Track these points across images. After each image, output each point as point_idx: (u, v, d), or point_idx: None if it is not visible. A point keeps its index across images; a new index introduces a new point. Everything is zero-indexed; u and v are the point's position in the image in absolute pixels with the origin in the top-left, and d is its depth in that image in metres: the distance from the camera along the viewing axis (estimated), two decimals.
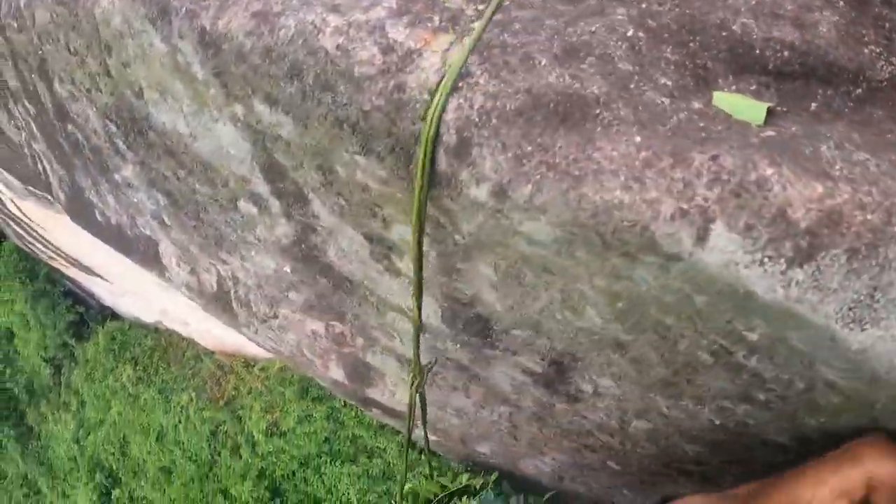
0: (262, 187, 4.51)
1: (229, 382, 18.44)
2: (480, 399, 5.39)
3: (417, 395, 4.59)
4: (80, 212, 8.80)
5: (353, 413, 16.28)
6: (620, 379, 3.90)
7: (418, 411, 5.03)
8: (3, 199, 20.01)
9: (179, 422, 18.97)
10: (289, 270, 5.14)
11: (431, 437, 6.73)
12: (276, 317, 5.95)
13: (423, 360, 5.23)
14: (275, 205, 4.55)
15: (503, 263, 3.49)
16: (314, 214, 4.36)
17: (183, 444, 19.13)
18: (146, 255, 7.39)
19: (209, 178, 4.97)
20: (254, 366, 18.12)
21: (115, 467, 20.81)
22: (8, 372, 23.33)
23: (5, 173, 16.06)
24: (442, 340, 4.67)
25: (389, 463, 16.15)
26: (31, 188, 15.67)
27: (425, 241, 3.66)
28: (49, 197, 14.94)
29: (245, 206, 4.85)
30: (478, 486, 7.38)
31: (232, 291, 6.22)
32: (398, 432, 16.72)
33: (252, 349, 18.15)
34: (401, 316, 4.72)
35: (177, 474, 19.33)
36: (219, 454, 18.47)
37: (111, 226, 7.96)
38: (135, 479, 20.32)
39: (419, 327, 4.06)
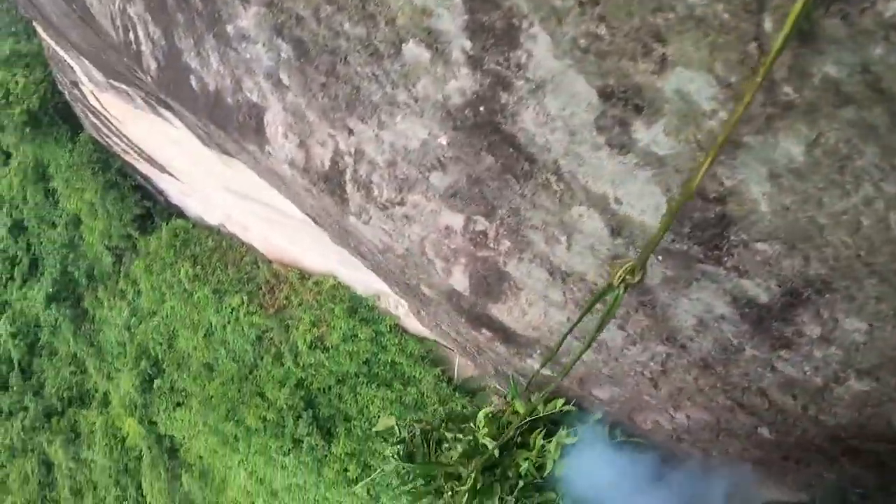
0: (449, 22, 3.20)
1: (282, 292, 17.67)
2: (638, 333, 4.11)
3: (620, 290, 3.20)
4: (173, 80, 7.55)
5: (397, 340, 15.56)
6: (884, 320, 2.87)
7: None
8: (84, 90, 19.00)
9: (228, 323, 18.23)
10: (444, 143, 3.81)
11: (546, 372, 5.47)
12: (402, 203, 4.63)
13: (592, 276, 3.95)
14: (460, 47, 3.23)
15: (833, 137, 2.40)
16: (520, 63, 3.04)
17: (228, 344, 18.41)
18: (245, 125, 6.11)
19: (368, 13, 3.65)
20: (308, 279, 17.21)
21: (160, 357, 20.13)
22: (71, 256, 22.76)
23: (89, 65, 14.93)
24: (639, 248, 3.40)
25: (423, 393, 15.39)
26: (112, 81, 14.61)
27: (716, 95, 2.51)
28: (129, 91, 13.86)
29: (412, 50, 3.52)
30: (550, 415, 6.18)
31: (349, 170, 4.92)
32: (436, 364, 15.87)
33: (309, 262, 17.28)
34: (592, 211, 3.40)
35: (218, 372, 18.71)
36: (261, 359, 17.80)
37: (208, 93, 6.68)
38: (178, 371, 19.62)
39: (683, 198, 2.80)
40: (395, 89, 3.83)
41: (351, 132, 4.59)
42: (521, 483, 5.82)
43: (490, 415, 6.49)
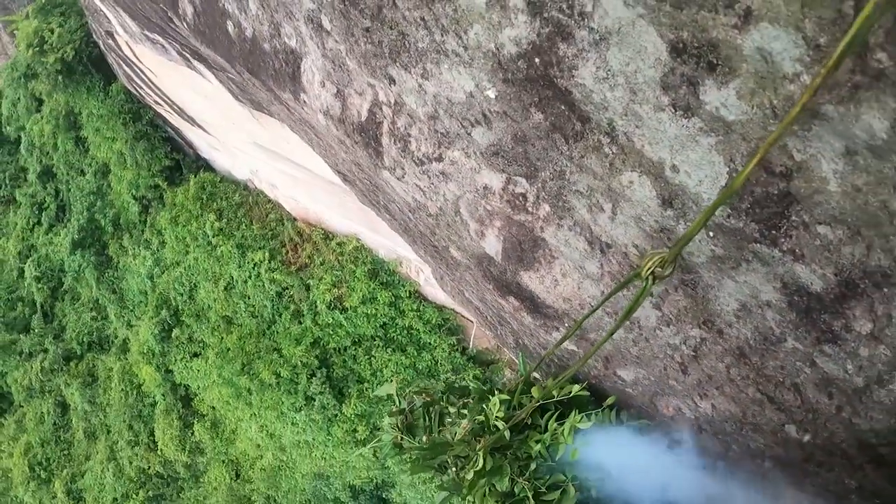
0: None
1: (304, 250, 17.53)
2: (673, 314, 3.87)
3: (649, 282, 2.95)
4: (209, 25, 7.32)
5: (416, 306, 15.40)
6: None
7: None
8: (118, 41, 18.76)
9: (250, 278, 18.13)
10: (492, 95, 3.57)
11: (570, 347, 5.25)
12: (440, 159, 4.40)
13: (632, 250, 3.71)
14: None
15: None
16: (583, 11, 2.79)
17: (248, 299, 18.34)
18: (281, 72, 5.88)
19: None
20: (331, 239, 17.06)
21: (180, 308, 20.12)
22: (98, 204, 22.72)
23: (125, 15, 14.68)
24: (690, 222, 3.15)
25: (437, 361, 15.26)
26: (147, 33, 14.37)
27: (802, 56, 2.25)
28: (164, 43, 13.63)
29: None
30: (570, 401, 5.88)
31: (386, 122, 4.69)
32: (453, 333, 15.71)
33: (333, 223, 17.12)
34: (644, 178, 3.16)
35: (236, 325, 18.68)
36: (280, 315, 17.73)
37: (244, 39, 6.45)
38: (196, 322, 19.61)
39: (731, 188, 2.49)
40: (445, 36, 3.59)
41: (392, 81, 4.35)
42: (532, 465, 5.66)
43: (504, 399, 6.13)
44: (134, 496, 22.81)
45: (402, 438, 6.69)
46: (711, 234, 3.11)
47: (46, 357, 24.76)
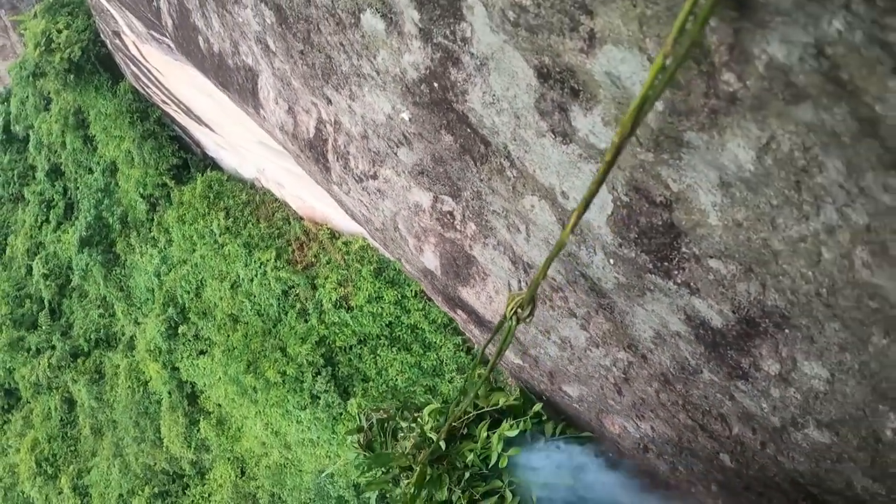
0: None
1: (311, 249, 17.62)
2: (599, 336, 3.87)
3: (512, 322, 3.00)
4: (185, 39, 7.44)
5: (422, 305, 15.39)
6: (847, 373, 2.45)
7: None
8: (125, 40, 18.95)
9: (256, 276, 18.28)
10: (406, 118, 3.61)
11: (517, 361, 5.27)
12: (375, 177, 4.44)
13: (551, 272, 3.73)
14: (411, 19, 3.00)
15: (787, 142, 1.95)
16: (464, 37, 2.80)
17: (255, 297, 18.48)
18: (244, 88, 5.97)
19: None
20: (338, 238, 17.14)
21: (187, 305, 20.29)
22: (106, 202, 22.96)
23: (131, 16, 14.81)
24: (591, 249, 3.14)
25: (442, 361, 15.27)
26: (153, 33, 14.52)
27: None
28: (170, 43, 13.82)
29: (370, 20, 3.30)
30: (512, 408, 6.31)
31: (330, 139, 4.75)
32: (459, 333, 15.72)
33: (339, 222, 17.16)
34: (543, 203, 3.17)
35: (242, 323, 18.82)
36: (286, 314, 17.84)
37: (213, 54, 6.57)
38: (202, 320, 19.77)
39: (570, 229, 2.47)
40: (360, 60, 3.63)
41: (329, 101, 4.41)
42: (467, 474, 5.84)
43: (435, 410, 6.54)
44: (139, 492, 23.11)
45: (362, 455, 6.85)
46: (612, 261, 3.09)
47: (54, 354, 25.12)
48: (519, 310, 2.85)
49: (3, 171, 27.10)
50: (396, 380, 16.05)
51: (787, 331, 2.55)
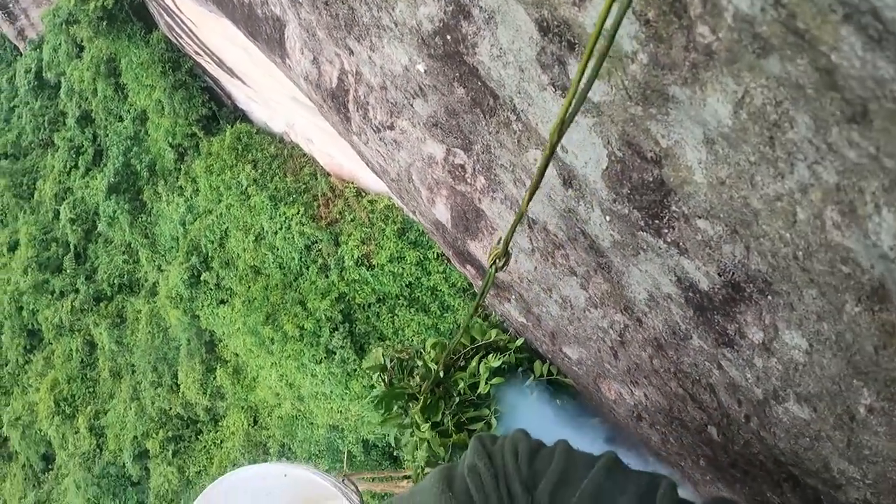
0: None
1: (336, 206, 17.82)
2: (598, 297, 4.00)
3: (492, 270, 3.26)
4: None
5: (442, 268, 15.60)
6: (824, 344, 2.47)
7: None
8: None
9: (280, 229, 18.54)
10: (422, 70, 3.77)
11: (521, 320, 5.45)
12: (392, 128, 4.62)
13: (552, 227, 3.89)
14: None
15: (759, 96, 2.00)
16: None
17: (277, 250, 18.78)
18: (272, 38, 6.14)
19: None
20: (363, 196, 17.36)
21: (210, 255, 20.62)
22: (135, 150, 23.28)
23: None
24: (589, 204, 3.27)
25: (459, 324, 15.45)
26: None
27: (637, 33, 2.22)
28: None
29: None
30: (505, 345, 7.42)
31: (352, 90, 4.91)
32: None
33: (366, 180, 17.31)
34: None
35: (264, 276, 19.16)
36: (307, 268, 18.14)
37: (243, 4, 6.73)
38: (224, 270, 20.10)
39: (539, 176, 2.61)
40: (380, 11, 3.79)
41: (351, 52, 4.57)
42: (457, 399, 6.79)
43: (437, 343, 7.74)
44: (154, 435, 23.74)
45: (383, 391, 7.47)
46: (608, 218, 3.22)
47: (77, 297, 25.71)
48: (497, 261, 3.11)
49: (34, 117, 27.53)
50: (413, 340, 16.25)
51: (769, 297, 2.59)
